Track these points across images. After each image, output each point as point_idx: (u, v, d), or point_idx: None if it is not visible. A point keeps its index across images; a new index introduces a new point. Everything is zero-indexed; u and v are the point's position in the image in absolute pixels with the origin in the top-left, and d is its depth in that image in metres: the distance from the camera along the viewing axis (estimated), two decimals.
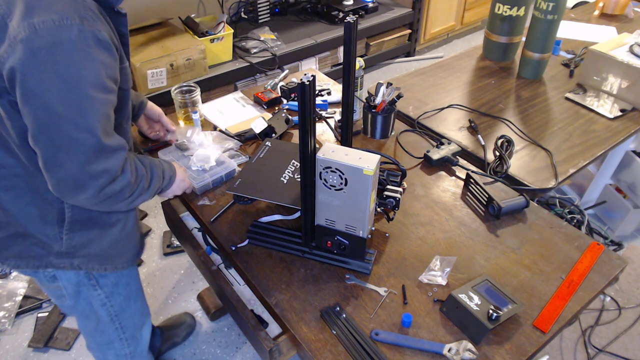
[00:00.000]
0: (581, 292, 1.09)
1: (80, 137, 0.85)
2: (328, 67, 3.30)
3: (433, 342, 0.99)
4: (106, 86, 0.87)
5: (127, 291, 1.25)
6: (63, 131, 0.84)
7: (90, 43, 0.83)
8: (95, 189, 0.91)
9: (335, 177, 1.01)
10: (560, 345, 1.77)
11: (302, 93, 0.91)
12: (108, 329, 1.28)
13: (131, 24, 2.68)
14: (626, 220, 2.22)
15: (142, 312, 1.37)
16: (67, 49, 0.81)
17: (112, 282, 1.20)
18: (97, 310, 1.22)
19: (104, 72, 0.86)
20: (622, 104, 1.76)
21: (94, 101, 0.85)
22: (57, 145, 0.85)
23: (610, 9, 2.48)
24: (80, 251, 1.08)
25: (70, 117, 0.84)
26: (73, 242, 1.07)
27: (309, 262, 1.16)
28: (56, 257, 1.08)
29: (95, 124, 0.86)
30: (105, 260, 1.13)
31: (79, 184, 0.89)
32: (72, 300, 1.19)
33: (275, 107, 1.73)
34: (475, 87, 1.91)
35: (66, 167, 0.87)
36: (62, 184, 0.89)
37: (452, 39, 4.27)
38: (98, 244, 1.10)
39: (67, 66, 0.81)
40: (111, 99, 0.90)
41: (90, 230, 1.08)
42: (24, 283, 2.05)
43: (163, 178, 1.11)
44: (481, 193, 1.30)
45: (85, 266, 1.11)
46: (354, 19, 1.09)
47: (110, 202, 0.96)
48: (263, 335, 1.10)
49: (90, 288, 1.17)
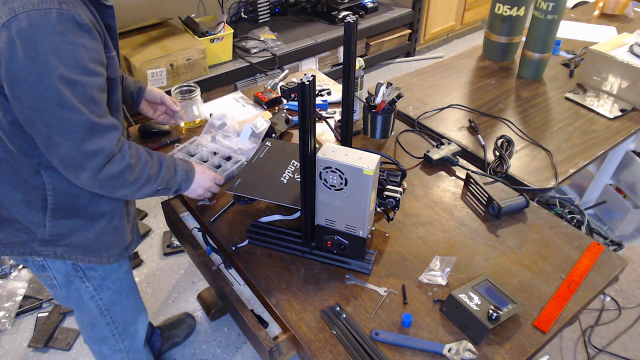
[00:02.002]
0: (581, 292, 1.09)
1: (68, 116, 0.87)
2: (328, 67, 3.30)
3: (433, 342, 0.99)
4: (88, 68, 0.88)
5: (117, 286, 1.25)
6: (51, 113, 0.86)
7: (69, 27, 0.84)
8: (93, 169, 0.92)
9: (335, 177, 1.01)
10: (560, 345, 1.77)
11: (302, 93, 0.91)
12: (100, 323, 1.28)
13: (131, 24, 2.68)
14: (626, 220, 2.22)
15: (135, 309, 1.36)
16: (46, 32, 0.82)
17: (100, 275, 1.19)
18: (87, 303, 1.22)
19: (85, 55, 0.87)
20: (622, 104, 1.76)
21: (76, 84, 0.86)
22: (49, 126, 0.87)
23: (610, 9, 2.48)
24: (64, 240, 1.08)
25: (54, 99, 0.85)
26: (56, 230, 1.07)
27: (309, 262, 1.16)
28: (39, 244, 1.08)
29: (79, 106, 0.87)
30: (90, 252, 1.13)
31: (77, 163, 0.91)
32: (64, 290, 1.19)
33: (275, 107, 1.73)
34: (475, 87, 1.91)
35: (62, 147, 0.89)
36: (62, 164, 0.92)
37: (452, 39, 4.27)
38: (82, 235, 1.09)
39: (47, 49, 0.82)
40: (96, 81, 0.90)
41: (74, 220, 1.07)
42: (24, 283, 2.05)
43: (175, 171, 1.11)
44: (481, 193, 1.30)
45: (68, 256, 1.10)
46: (354, 19, 1.09)
47: (113, 186, 0.97)
48: (263, 335, 1.10)
49: (77, 280, 1.17)
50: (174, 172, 1.10)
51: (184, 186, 1.15)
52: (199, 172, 1.18)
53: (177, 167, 1.12)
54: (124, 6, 2.73)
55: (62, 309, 1.96)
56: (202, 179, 1.19)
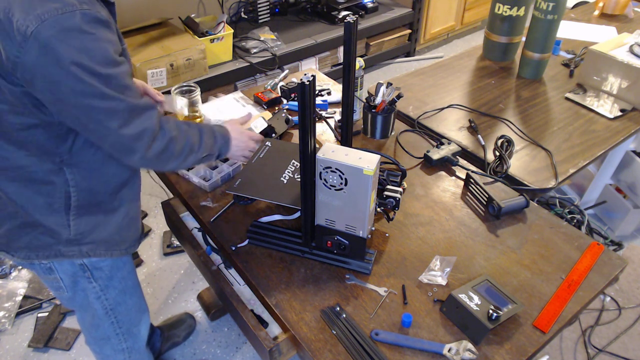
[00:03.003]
0: (581, 292, 1.09)
1: (110, 106, 0.91)
2: (328, 67, 3.30)
3: (433, 342, 0.99)
4: (116, 60, 0.92)
5: (123, 285, 1.26)
6: (95, 107, 0.90)
7: (94, 25, 0.87)
8: (142, 149, 0.97)
9: (335, 177, 1.01)
10: (560, 345, 1.77)
11: (302, 93, 0.91)
12: (104, 323, 1.28)
13: (131, 23, 2.68)
14: (626, 220, 2.22)
15: (139, 309, 1.37)
16: (74, 34, 0.85)
17: (107, 275, 1.20)
18: (92, 303, 1.23)
19: (111, 48, 0.91)
20: (622, 104, 1.76)
21: (110, 77, 0.90)
22: (95, 120, 0.92)
23: (610, 9, 2.48)
24: (88, 237, 1.10)
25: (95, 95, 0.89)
26: (80, 228, 1.08)
27: (309, 262, 1.16)
28: (65, 245, 1.09)
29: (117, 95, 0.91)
30: (112, 246, 1.15)
31: (127, 148, 0.96)
32: (71, 291, 1.20)
33: (275, 107, 1.73)
34: (475, 87, 1.91)
35: (110, 135, 0.94)
36: (115, 150, 0.97)
37: (452, 39, 4.27)
38: (103, 229, 1.12)
39: (78, 50, 0.85)
40: (124, 69, 0.94)
41: (96, 215, 1.10)
42: (24, 283, 2.05)
43: (214, 137, 1.14)
44: (481, 193, 1.30)
45: (93, 253, 1.12)
46: (354, 19, 1.09)
47: (162, 160, 1.02)
48: (263, 335, 1.10)
49: (85, 280, 1.18)
50: (214, 138, 1.14)
51: (224, 150, 1.17)
52: (235, 133, 1.20)
53: (216, 132, 1.15)
54: (124, 6, 2.73)
55: (62, 309, 1.96)
56: (240, 140, 1.21)
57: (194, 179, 1.38)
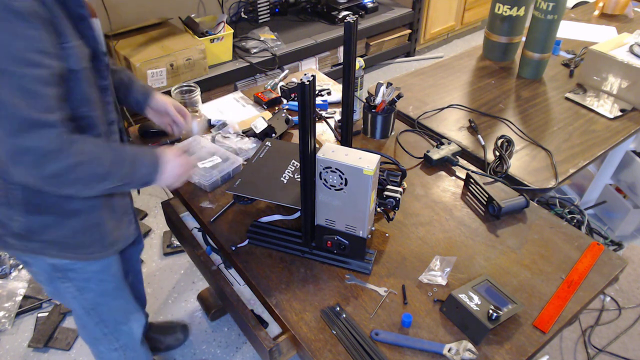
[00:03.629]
0: (581, 292, 1.09)
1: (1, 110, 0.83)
2: (328, 67, 3.30)
3: (433, 342, 0.99)
4: (23, 59, 0.82)
5: (101, 288, 1.23)
6: None
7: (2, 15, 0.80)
8: (29, 167, 0.87)
9: (335, 177, 1.01)
10: (560, 345, 1.77)
11: (302, 93, 0.91)
12: (87, 323, 1.27)
13: (131, 24, 2.69)
14: (626, 220, 2.22)
15: (126, 310, 1.34)
16: None
17: (82, 277, 1.17)
18: (71, 303, 1.22)
19: (21, 44, 0.82)
20: (622, 104, 1.76)
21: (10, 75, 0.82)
22: None
23: (610, 9, 2.48)
24: (38, 236, 1.07)
25: None
26: (30, 225, 1.05)
27: (309, 262, 1.16)
28: (13, 238, 1.07)
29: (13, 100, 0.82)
30: (66, 249, 1.11)
31: (13, 158, 0.86)
32: (49, 287, 1.19)
33: (275, 107, 1.73)
34: (475, 87, 1.91)
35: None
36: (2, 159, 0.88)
37: (452, 39, 4.27)
38: (55, 231, 1.07)
39: None
40: (36, 73, 0.84)
41: (47, 216, 1.05)
42: (24, 283, 2.05)
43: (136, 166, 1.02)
44: (481, 193, 1.30)
45: (41, 251, 1.09)
46: (354, 19, 1.09)
47: (57, 184, 0.92)
48: (263, 335, 1.10)
49: (58, 280, 1.16)
50: (136, 167, 1.01)
51: (151, 179, 1.05)
52: (170, 159, 1.07)
53: (141, 160, 1.03)
54: (124, 6, 2.73)
55: (62, 309, 1.96)
56: (173, 167, 1.08)
57: (194, 179, 1.38)
